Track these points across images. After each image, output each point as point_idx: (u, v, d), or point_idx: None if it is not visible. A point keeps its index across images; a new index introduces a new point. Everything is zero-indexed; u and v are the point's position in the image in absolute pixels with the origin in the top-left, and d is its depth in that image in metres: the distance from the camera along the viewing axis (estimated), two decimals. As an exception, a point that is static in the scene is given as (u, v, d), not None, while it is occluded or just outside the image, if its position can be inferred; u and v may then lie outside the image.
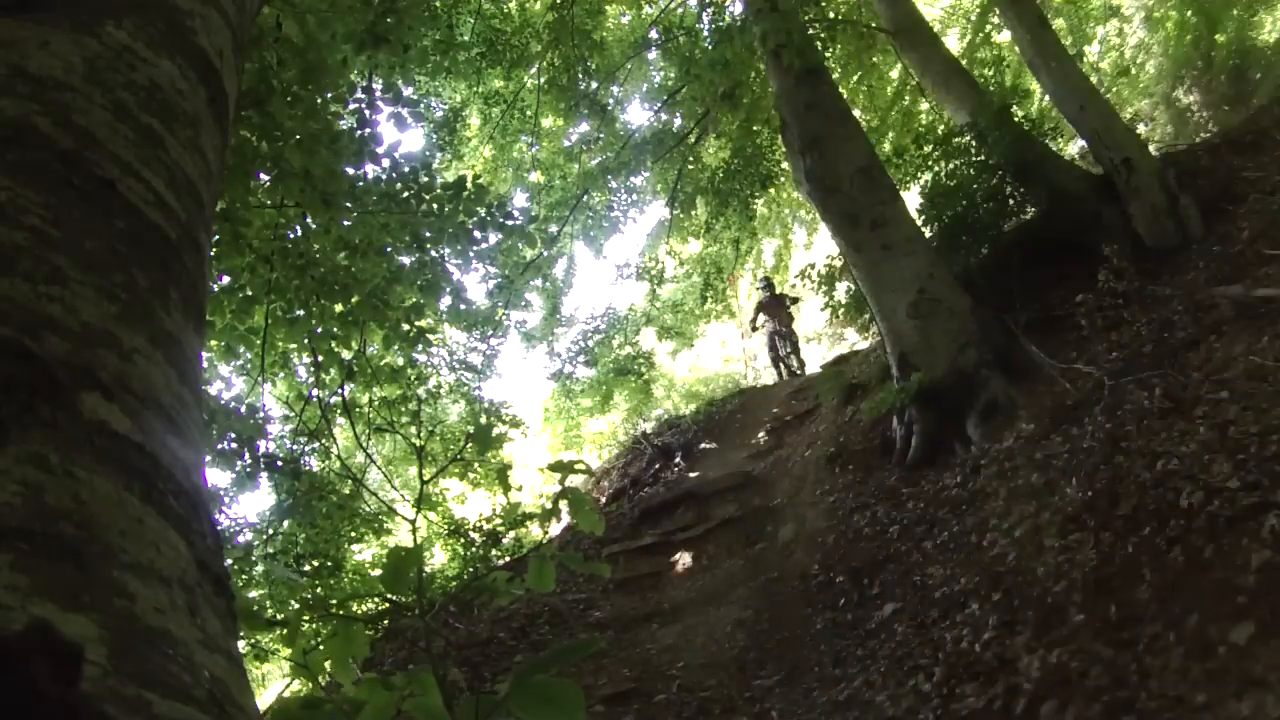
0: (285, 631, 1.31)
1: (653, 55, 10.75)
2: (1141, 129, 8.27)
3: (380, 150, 4.52)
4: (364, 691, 1.26)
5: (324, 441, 6.04)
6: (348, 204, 4.27)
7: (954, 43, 10.90)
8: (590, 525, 1.53)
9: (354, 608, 1.44)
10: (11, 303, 0.71)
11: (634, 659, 5.09)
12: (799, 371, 11.71)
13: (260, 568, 6.63)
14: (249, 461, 5.43)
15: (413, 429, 6.49)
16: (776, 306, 11.77)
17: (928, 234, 6.53)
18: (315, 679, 1.32)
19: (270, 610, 6.39)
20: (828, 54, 8.22)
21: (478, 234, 4.88)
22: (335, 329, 4.74)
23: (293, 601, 6.13)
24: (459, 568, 8.55)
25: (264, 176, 4.03)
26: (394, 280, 4.82)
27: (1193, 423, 3.30)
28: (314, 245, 4.44)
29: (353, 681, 1.30)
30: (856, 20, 9.42)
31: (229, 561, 5.87)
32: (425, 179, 4.69)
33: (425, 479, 1.53)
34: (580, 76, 9.60)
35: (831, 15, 8.93)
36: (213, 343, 4.55)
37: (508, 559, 8.12)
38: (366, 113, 4.45)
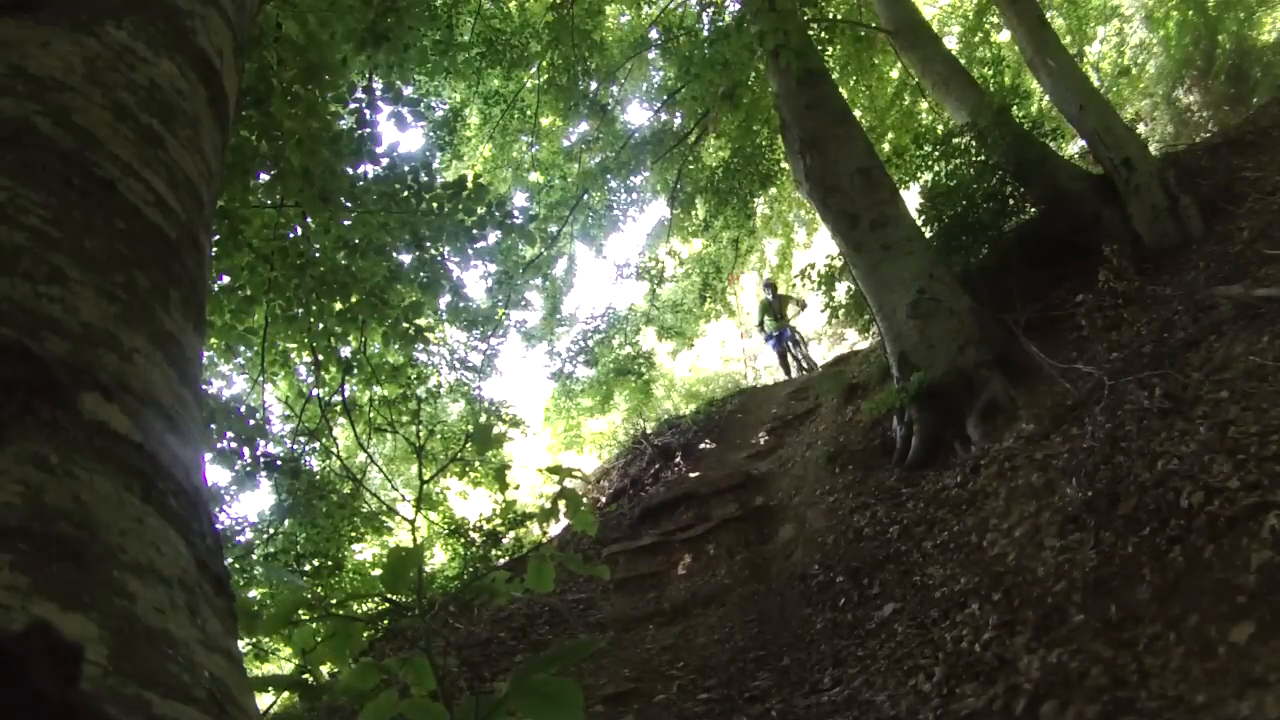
0: (274, 613, 1.31)
1: (653, 55, 10.76)
2: (1141, 129, 8.25)
3: (380, 150, 4.52)
4: (358, 677, 1.26)
5: (324, 441, 6.04)
6: (347, 203, 4.27)
7: (953, 42, 10.90)
8: (584, 525, 1.55)
9: (354, 608, 1.44)
10: (11, 303, 0.71)
11: (634, 659, 5.09)
12: (810, 370, 11.52)
13: (259, 570, 6.63)
14: (249, 461, 5.43)
15: (413, 429, 6.49)
16: (781, 307, 11.75)
17: (928, 234, 6.53)
18: (317, 677, 1.32)
19: (271, 610, 6.39)
20: (827, 54, 8.22)
21: (477, 232, 4.88)
22: (335, 328, 4.74)
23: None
24: (459, 568, 8.55)
25: (263, 176, 4.03)
26: (393, 279, 4.82)
27: (1193, 423, 3.30)
28: (313, 244, 4.44)
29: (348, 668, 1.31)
30: (856, 20, 9.43)
31: (229, 561, 5.86)
32: (425, 178, 4.69)
33: (425, 479, 1.53)
34: (580, 76, 9.60)
35: (831, 15, 8.93)
36: (213, 342, 4.55)
37: (508, 559, 8.12)
38: (366, 112, 4.45)
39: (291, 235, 4.46)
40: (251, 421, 5.47)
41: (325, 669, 1.34)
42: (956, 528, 4.20)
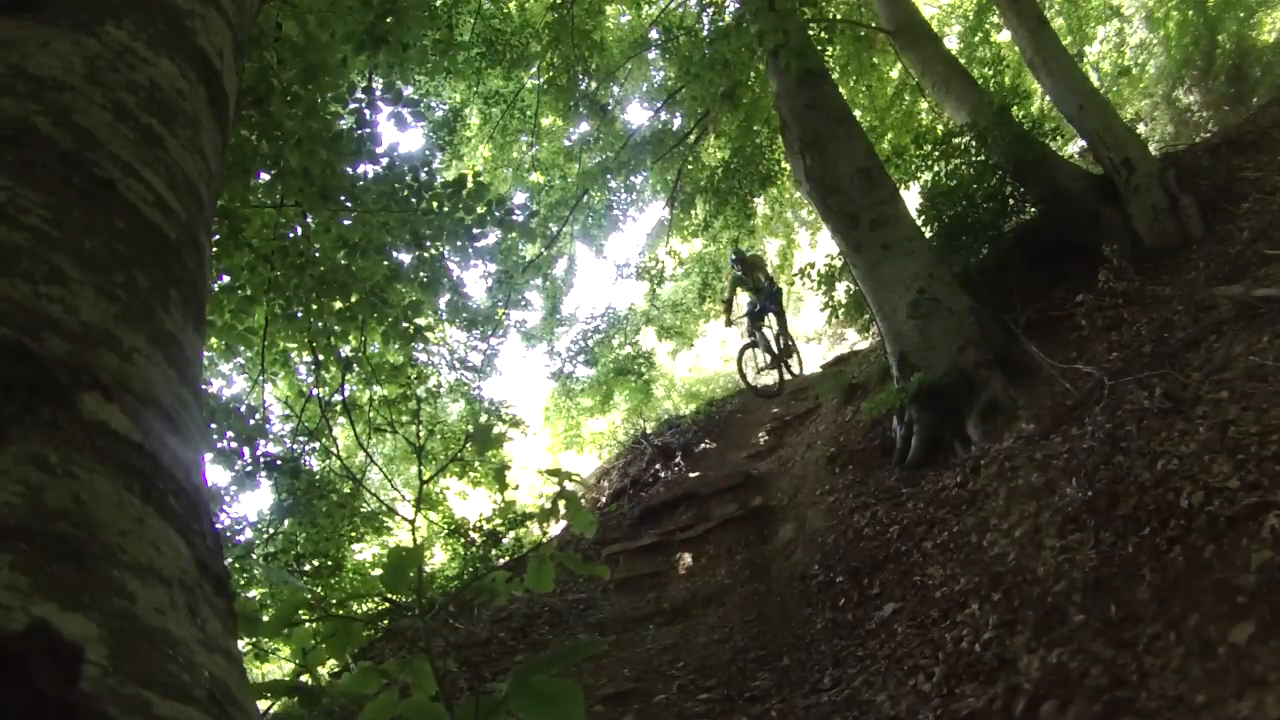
0: (275, 616, 1.31)
1: (653, 55, 10.76)
2: (1141, 129, 8.26)
3: (380, 149, 4.52)
4: (357, 680, 1.26)
5: (324, 441, 6.04)
6: (347, 203, 4.27)
7: (954, 42, 10.90)
8: (583, 526, 1.55)
9: (354, 608, 1.45)
10: (11, 303, 0.71)
11: (634, 659, 5.09)
12: (793, 368, 9.62)
13: (259, 570, 6.63)
14: (249, 461, 5.43)
15: (413, 429, 6.49)
16: (752, 275, 9.41)
17: (928, 234, 6.53)
18: (316, 677, 1.32)
19: (271, 610, 6.40)
20: (827, 54, 8.22)
21: (477, 231, 4.88)
22: (335, 327, 4.74)
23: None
24: (459, 568, 8.55)
25: (264, 176, 4.03)
26: (393, 278, 4.82)
27: (1193, 423, 3.29)
28: (313, 244, 4.44)
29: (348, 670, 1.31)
30: (856, 20, 9.43)
31: (229, 561, 5.87)
32: (424, 177, 4.69)
33: (425, 479, 1.54)
34: (580, 76, 9.60)
35: (831, 15, 8.93)
36: (213, 342, 4.55)
37: (508, 559, 8.13)
38: (366, 112, 4.45)
39: (291, 235, 4.46)
40: (251, 421, 5.48)
41: (324, 669, 1.34)
42: (956, 528, 4.20)
